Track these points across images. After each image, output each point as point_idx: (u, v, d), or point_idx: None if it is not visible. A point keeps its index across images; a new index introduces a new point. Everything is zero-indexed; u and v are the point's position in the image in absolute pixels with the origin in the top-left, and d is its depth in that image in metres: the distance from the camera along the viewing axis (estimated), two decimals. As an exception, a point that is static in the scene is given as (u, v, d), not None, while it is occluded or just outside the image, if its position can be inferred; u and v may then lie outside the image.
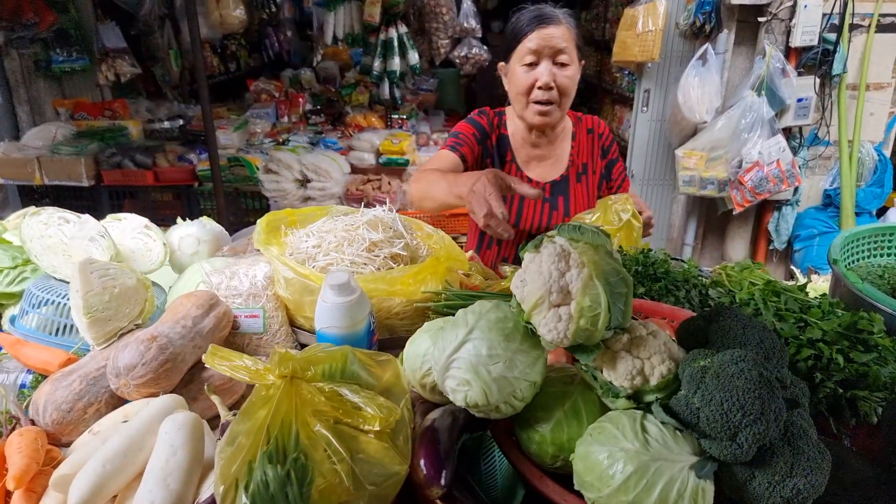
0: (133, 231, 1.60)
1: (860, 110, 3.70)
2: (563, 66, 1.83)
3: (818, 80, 3.67)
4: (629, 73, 4.60)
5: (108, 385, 1.15)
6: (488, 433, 1.05)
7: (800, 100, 3.69)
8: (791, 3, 3.57)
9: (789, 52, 3.69)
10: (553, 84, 1.82)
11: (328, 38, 5.44)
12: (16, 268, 1.61)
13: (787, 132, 3.83)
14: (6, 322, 1.47)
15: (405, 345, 1.13)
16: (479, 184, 1.31)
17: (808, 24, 3.55)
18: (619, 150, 2.23)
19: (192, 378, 1.22)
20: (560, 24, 1.81)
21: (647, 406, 0.87)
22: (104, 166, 4.47)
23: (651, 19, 3.93)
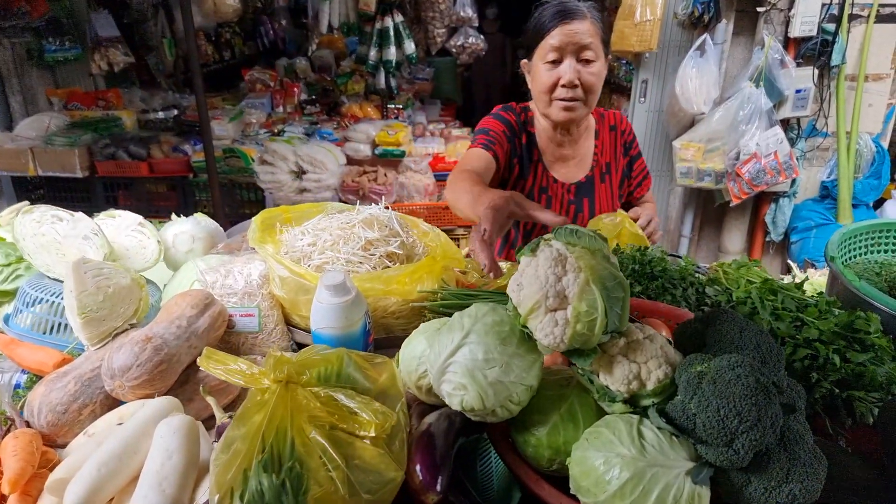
0: (127, 229, 1.59)
1: (858, 101, 3.68)
2: (588, 62, 1.77)
3: (817, 71, 3.65)
4: (627, 62, 4.56)
5: (103, 386, 1.15)
6: (485, 435, 1.05)
7: (798, 91, 3.67)
8: (790, -7, 3.55)
9: (788, 42, 3.66)
10: (577, 81, 1.77)
11: (323, 27, 5.39)
12: (9, 265, 1.60)
13: (786, 123, 3.82)
14: (0, 321, 1.46)
15: (401, 344, 1.12)
16: (487, 209, 1.17)
17: (807, 14, 3.53)
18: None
19: (187, 378, 1.22)
20: (585, 19, 1.74)
21: (644, 410, 0.87)
22: (98, 157, 4.43)
23: (649, 9, 3.89)
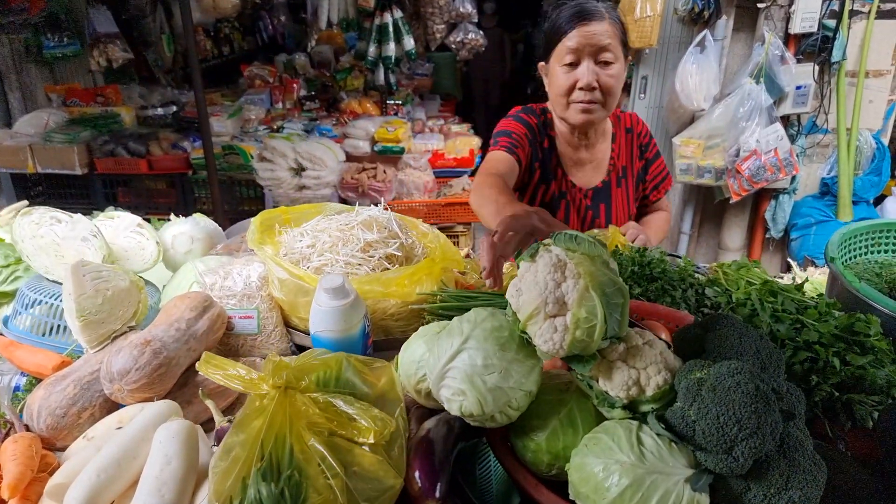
0: (126, 230, 1.58)
1: (859, 98, 3.67)
2: (607, 64, 1.72)
3: (817, 68, 3.64)
4: (627, 58, 4.55)
5: (102, 389, 1.15)
6: (484, 439, 1.05)
7: (798, 87, 3.66)
8: (791, -11, 3.54)
9: (788, 38, 3.65)
10: (596, 84, 1.73)
11: (322, 23, 5.38)
12: (8, 266, 1.59)
13: (786, 120, 3.81)
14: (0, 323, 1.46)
15: (400, 346, 1.12)
16: (507, 217, 1.19)
17: (808, 10, 3.51)
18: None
19: (186, 381, 1.22)
20: (603, 20, 1.70)
21: (643, 416, 0.87)
22: (97, 154, 4.41)
23: (649, 5, 3.88)
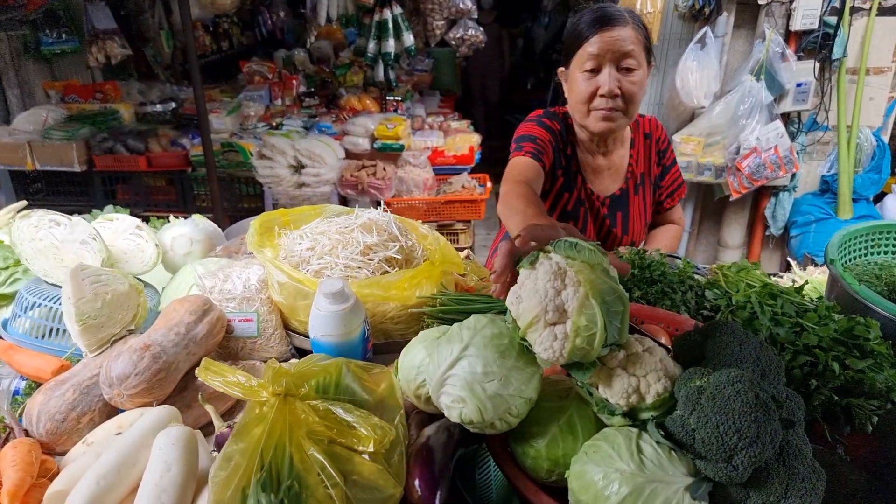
0: (125, 232, 1.58)
1: (860, 95, 3.66)
2: (630, 70, 1.68)
3: (818, 65, 3.63)
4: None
5: (101, 394, 1.15)
6: (484, 445, 1.05)
7: (799, 84, 3.66)
8: (792, -14, 3.53)
9: (789, 35, 3.64)
10: (618, 91, 1.69)
11: (321, 19, 5.35)
12: (7, 268, 1.59)
13: (786, 117, 3.80)
14: (-2, 326, 1.46)
15: (400, 350, 1.12)
16: (533, 224, 1.12)
17: (809, 7, 3.50)
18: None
19: (185, 385, 1.22)
20: (626, 25, 1.66)
21: (643, 424, 0.87)
22: (96, 151, 4.39)
23: (650, 1, 3.87)
